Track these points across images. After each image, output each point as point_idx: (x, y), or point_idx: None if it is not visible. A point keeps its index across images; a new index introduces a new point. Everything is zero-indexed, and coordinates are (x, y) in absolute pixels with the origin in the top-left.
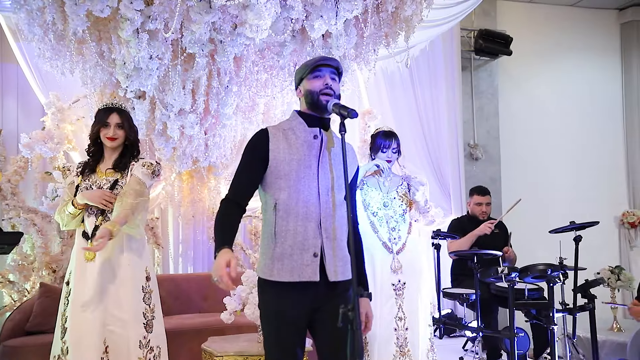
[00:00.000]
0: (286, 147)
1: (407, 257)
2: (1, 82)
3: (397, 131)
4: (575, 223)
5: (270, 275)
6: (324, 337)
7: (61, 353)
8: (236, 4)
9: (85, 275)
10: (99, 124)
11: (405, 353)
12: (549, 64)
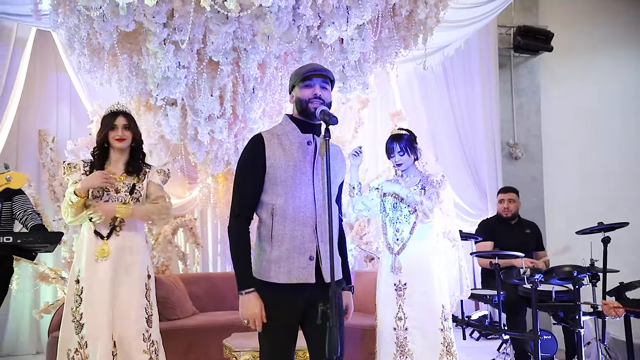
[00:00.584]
0: (282, 153)
1: (408, 258)
2: (57, 91)
3: (430, 131)
4: (603, 224)
5: (268, 277)
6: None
7: (78, 347)
8: (248, 14)
9: (97, 273)
10: (107, 127)
11: (405, 352)
12: (593, 59)
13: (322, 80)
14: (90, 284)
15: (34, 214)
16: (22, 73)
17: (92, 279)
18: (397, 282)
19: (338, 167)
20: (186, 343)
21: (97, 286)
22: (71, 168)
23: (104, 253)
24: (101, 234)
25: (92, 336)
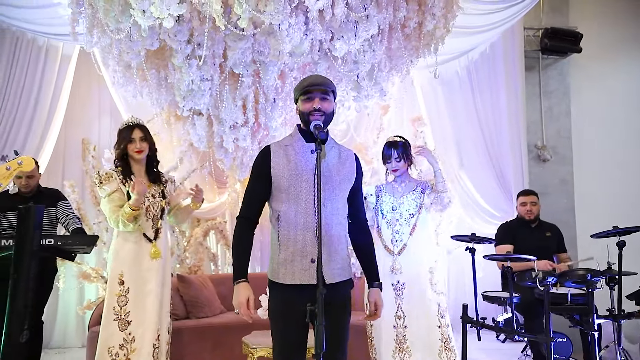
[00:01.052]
0: (286, 163)
1: (408, 259)
2: (98, 103)
3: (455, 135)
4: (618, 227)
5: (277, 278)
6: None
7: (124, 342)
8: (261, 31)
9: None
10: (125, 140)
11: (404, 349)
12: (625, 59)
13: (322, 92)
14: (138, 283)
15: (75, 218)
16: (67, 87)
17: (140, 279)
18: (395, 282)
19: (346, 171)
20: (213, 340)
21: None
22: (108, 177)
23: (157, 254)
24: (149, 237)
25: (140, 332)
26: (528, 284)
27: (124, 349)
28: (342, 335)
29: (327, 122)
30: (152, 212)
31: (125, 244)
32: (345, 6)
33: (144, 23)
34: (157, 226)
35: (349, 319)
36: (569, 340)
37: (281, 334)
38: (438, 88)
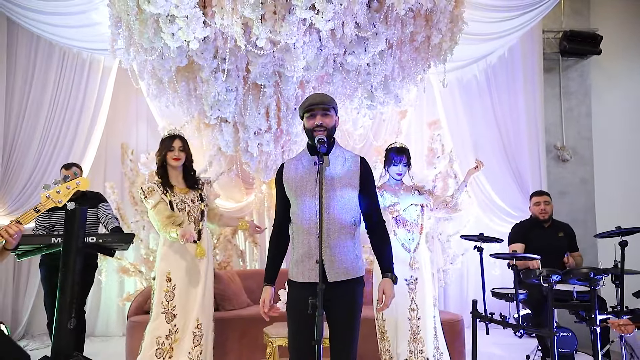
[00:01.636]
0: (294, 176)
1: (420, 255)
2: (136, 111)
3: (472, 137)
4: (621, 228)
5: (292, 276)
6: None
7: (170, 333)
8: (278, 49)
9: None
10: (166, 149)
11: (418, 339)
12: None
13: (323, 110)
14: (184, 281)
15: (114, 218)
16: (108, 96)
17: (186, 277)
18: (408, 277)
19: (349, 177)
20: (239, 330)
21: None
22: (151, 191)
23: (202, 253)
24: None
25: (183, 323)
26: (533, 281)
27: (169, 339)
28: (350, 327)
29: (330, 135)
30: (193, 215)
31: (172, 246)
32: (355, 26)
33: (172, 44)
34: (199, 227)
35: (357, 312)
36: (573, 335)
37: (293, 325)
38: (456, 91)
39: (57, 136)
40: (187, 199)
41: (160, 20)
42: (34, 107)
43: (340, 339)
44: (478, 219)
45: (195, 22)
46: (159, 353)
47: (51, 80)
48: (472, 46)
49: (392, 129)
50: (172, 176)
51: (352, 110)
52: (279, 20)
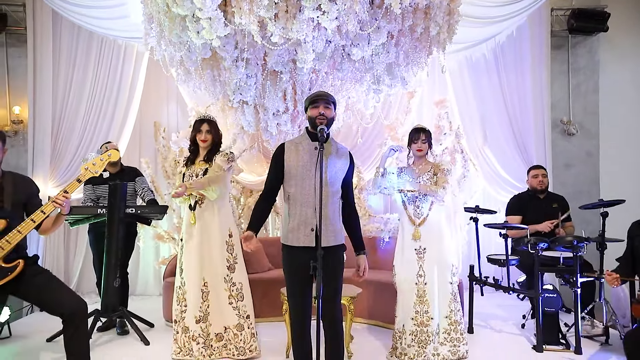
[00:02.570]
0: (295, 156)
1: (427, 228)
2: (166, 92)
3: (480, 113)
4: (603, 200)
5: (287, 241)
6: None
7: (181, 284)
8: (290, 43)
9: (192, 234)
10: (195, 131)
11: (424, 302)
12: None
13: (325, 102)
14: (186, 242)
15: (149, 191)
16: (141, 79)
17: (189, 238)
18: (417, 247)
19: (340, 164)
20: (261, 291)
21: (191, 243)
22: (177, 163)
23: (194, 221)
24: (191, 206)
25: (187, 278)
26: (523, 248)
27: (181, 290)
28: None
29: (328, 125)
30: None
31: (184, 212)
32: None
33: (198, 41)
34: (196, 199)
35: (342, 272)
36: (559, 295)
37: (291, 282)
38: (465, 70)
39: (97, 116)
40: (194, 174)
41: (187, 19)
42: (77, 91)
43: (329, 292)
44: (485, 191)
45: (217, 22)
46: (177, 300)
47: (91, 66)
48: (481, 29)
49: (401, 108)
50: (200, 153)
51: (362, 93)
52: (290, 19)
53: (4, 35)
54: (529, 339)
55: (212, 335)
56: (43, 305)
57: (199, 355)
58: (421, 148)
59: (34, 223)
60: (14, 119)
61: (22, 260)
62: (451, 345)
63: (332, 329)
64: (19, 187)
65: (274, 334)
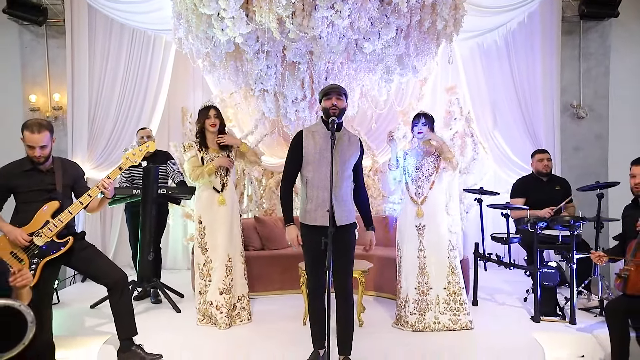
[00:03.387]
0: (312, 144)
1: (428, 207)
2: (192, 79)
3: (490, 98)
4: (599, 182)
5: (305, 221)
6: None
7: (205, 262)
8: (307, 38)
9: (216, 214)
10: (204, 117)
11: (424, 273)
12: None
13: (337, 94)
14: (210, 222)
15: (179, 173)
16: (170, 67)
17: (213, 219)
18: (418, 224)
19: (352, 151)
20: (282, 266)
21: (218, 223)
22: (189, 147)
23: (223, 201)
24: (217, 189)
25: (214, 256)
26: (524, 227)
27: (206, 266)
28: (349, 259)
29: (340, 115)
30: (220, 171)
31: (202, 194)
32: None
33: (222, 38)
34: (224, 181)
35: (353, 247)
36: (557, 271)
37: (308, 256)
38: (477, 56)
39: (129, 102)
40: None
41: (212, 18)
42: (111, 79)
43: (341, 265)
44: (496, 174)
45: (239, 21)
46: (201, 276)
47: (123, 56)
48: (491, 17)
49: (414, 95)
50: (208, 139)
51: (375, 82)
52: (306, 17)
53: (45, 27)
54: (529, 311)
55: (233, 305)
56: (91, 275)
57: (222, 323)
58: (421, 130)
59: (82, 205)
60: (54, 105)
61: (72, 236)
62: (451, 314)
63: (344, 299)
64: (67, 171)
65: (292, 304)
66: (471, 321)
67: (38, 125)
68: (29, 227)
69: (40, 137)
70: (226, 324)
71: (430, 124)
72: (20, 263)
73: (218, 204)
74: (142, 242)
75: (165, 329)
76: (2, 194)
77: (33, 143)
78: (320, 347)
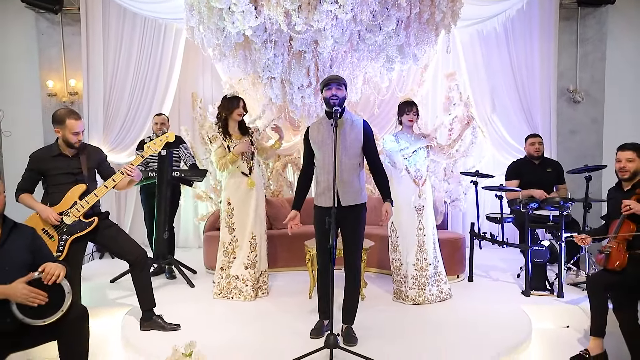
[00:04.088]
0: (317, 134)
1: (426, 188)
2: (203, 67)
3: (489, 84)
4: (588, 166)
5: (316, 202)
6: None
7: (231, 241)
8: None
9: (246, 196)
10: (233, 106)
11: (423, 250)
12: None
13: (337, 84)
14: (239, 203)
15: (191, 157)
16: (180, 54)
17: (242, 201)
18: (417, 205)
19: (354, 135)
20: (288, 244)
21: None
22: (214, 138)
23: (252, 184)
24: (246, 173)
25: (241, 235)
26: (516, 208)
27: (231, 245)
28: (356, 237)
29: (341, 104)
30: (246, 155)
31: (231, 179)
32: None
33: (232, 30)
34: (250, 165)
35: (361, 228)
36: (547, 249)
37: (318, 235)
38: (476, 42)
39: (142, 87)
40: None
41: (223, 11)
42: (124, 65)
43: (350, 245)
44: (494, 157)
45: (249, 15)
46: (225, 254)
47: (136, 43)
48: (490, 6)
49: (416, 80)
50: (230, 127)
51: (377, 69)
52: (312, 10)
53: (60, 15)
54: (521, 287)
55: (257, 279)
56: (114, 251)
57: (247, 295)
58: (412, 119)
59: (107, 188)
60: (70, 90)
61: (97, 216)
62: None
63: (351, 275)
64: (91, 156)
65: (298, 280)
66: (450, 289)
67: (75, 113)
68: (59, 207)
69: (81, 123)
70: (251, 296)
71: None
72: (51, 239)
73: (248, 187)
74: (158, 222)
75: (181, 302)
76: (34, 176)
77: (78, 129)
78: (325, 317)
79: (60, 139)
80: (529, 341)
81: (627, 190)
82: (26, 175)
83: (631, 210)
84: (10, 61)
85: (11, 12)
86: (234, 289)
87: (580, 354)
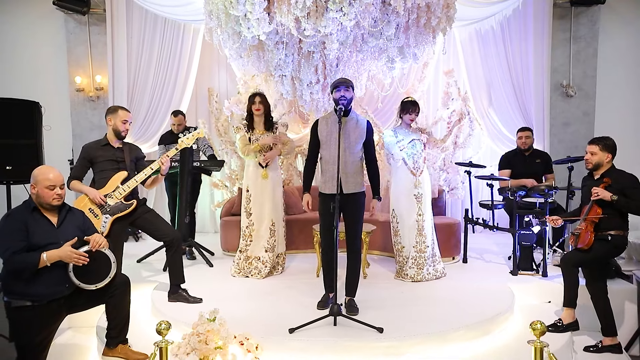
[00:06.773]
0: (325, 128)
1: (424, 178)
2: (218, 63)
3: (486, 79)
4: (570, 157)
5: (321, 190)
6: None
7: (249, 224)
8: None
9: (262, 186)
10: (250, 103)
11: (422, 234)
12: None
13: (345, 87)
14: (256, 192)
15: (209, 147)
16: (198, 52)
17: (258, 190)
18: (416, 193)
19: (358, 132)
20: (298, 228)
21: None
22: (239, 129)
23: (266, 176)
24: (262, 165)
25: (257, 221)
26: (506, 195)
27: (248, 229)
28: (357, 223)
29: (348, 104)
30: (265, 149)
31: (249, 168)
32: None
33: (248, 34)
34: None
35: (361, 212)
36: (534, 233)
37: (322, 219)
38: (474, 40)
39: (163, 83)
40: (259, 137)
41: (240, 18)
42: (146, 62)
43: (351, 228)
44: (490, 148)
45: (263, 22)
46: (243, 237)
47: (157, 42)
48: (486, 8)
49: (417, 77)
50: (255, 121)
51: (380, 67)
52: (319, 17)
53: (87, 16)
54: (510, 267)
55: (274, 261)
56: (152, 233)
57: (263, 273)
58: (413, 118)
59: (145, 175)
60: (96, 86)
61: (136, 200)
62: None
63: (353, 256)
64: (132, 151)
65: (306, 260)
66: (444, 268)
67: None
68: (104, 190)
69: (130, 115)
70: (266, 274)
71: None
72: (96, 217)
73: (262, 178)
74: (180, 207)
75: (201, 280)
76: (85, 164)
77: (127, 118)
78: (330, 291)
79: (111, 128)
80: (511, 312)
81: (597, 179)
82: (78, 164)
83: (599, 196)
84: (42, 59)
85: (42, 13)
86: (254, 269)
87: (555, 322)
